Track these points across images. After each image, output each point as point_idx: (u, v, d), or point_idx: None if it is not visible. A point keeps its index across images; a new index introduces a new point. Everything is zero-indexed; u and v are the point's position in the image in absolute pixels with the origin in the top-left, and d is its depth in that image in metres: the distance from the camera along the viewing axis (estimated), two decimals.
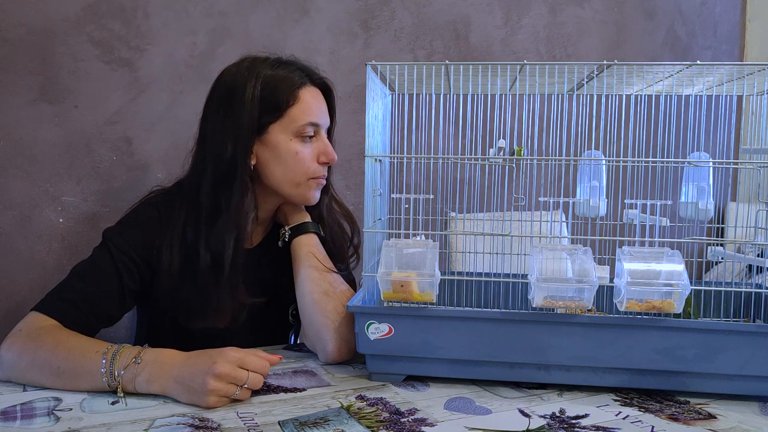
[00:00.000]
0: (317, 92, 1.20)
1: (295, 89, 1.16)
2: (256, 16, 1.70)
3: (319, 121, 1.18)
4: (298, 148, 1.16)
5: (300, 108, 1.16)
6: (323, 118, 1.19)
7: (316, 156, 1.18)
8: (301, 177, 1.17)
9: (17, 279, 1.47)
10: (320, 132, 1.19)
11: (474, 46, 2.04)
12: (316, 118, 1.17)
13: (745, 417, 0.91)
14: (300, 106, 1.16)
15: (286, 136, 1.16)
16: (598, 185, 1.13)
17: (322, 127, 1.19)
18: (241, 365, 0.93)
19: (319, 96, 1.20)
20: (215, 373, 0.90)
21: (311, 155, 1.17)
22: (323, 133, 1.20)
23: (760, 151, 1.09)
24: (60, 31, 1.47)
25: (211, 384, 0.90)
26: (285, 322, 1.30)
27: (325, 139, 1.20)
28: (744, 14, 2.61)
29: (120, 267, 1.13)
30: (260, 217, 1.23)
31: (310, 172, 1.17)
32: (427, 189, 1.12)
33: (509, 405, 0.94)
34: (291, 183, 1.18)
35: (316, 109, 1.18)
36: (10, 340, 1.02)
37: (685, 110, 1.15)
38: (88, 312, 1.09)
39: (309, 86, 1.18)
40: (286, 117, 1.15)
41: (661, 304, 0.94)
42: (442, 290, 1.16)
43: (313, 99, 1.18)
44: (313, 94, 1.18)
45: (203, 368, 0.91)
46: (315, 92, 1.19)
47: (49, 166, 1.48)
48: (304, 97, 1.16)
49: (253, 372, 0.93)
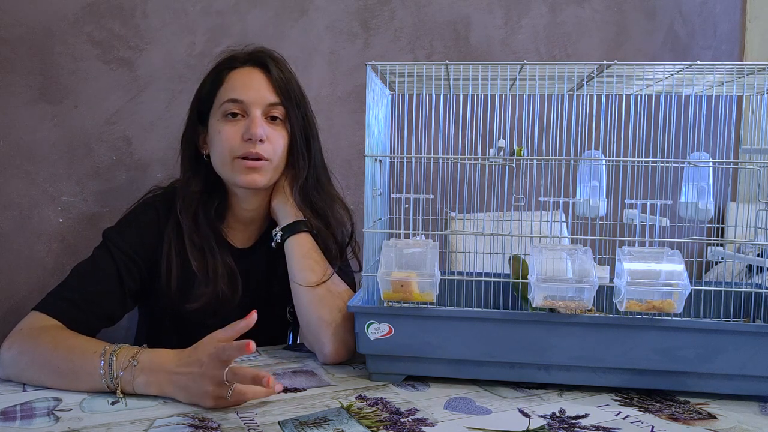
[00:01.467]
0: (251, 71, 1.17)
1: (224, 73, 1.17)
2: (255, 15, 1.69)
3: (243, 97, 1.14)
4: (221, 127, 1.15)
5: (225, 89, 1.16)
6: (250, 94, 1.15)
7: (242, 135, 1.14)
8: (226, 157, 1.15)
9: (17, 279, 1.47)
10: (249, 109, 1.15)
11: (474, 46, 2.04)
12: (237, 94, 1.15)
13: (745, 417, 0.91)
14: (225, 86, 1.16)
15: (216, 119, 1.17)
16: (598, 185, 1.13)
17: (251, 104, 1.15)
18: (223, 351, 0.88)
19: (251, 74, 1.17)
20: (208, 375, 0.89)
21: (235, 133, 1.14)
22: (254, 110, 1.15)
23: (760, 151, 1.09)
24: (59, 30, 1.47)
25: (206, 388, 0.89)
26: (283, 322, 1.30)
27: (253, 114, 1.14)
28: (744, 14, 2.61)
29: (120, 267, 1.13)
30: (244, 214, 1.23)
31: (232, 150, 1.14)
32: (427, 189, 1.12)
33: (509, 405, 0.94)
34: (221, 166, 1.17)
35: (240, 86, 1.15)
36: (11, 339, 1.02)
37: (685, 110, 1.15)
38: (89, 312, 1.09)
39: (241, 68, 1.17)
40: (216, 101, 1.17)
41: (661, 304, 0.94)
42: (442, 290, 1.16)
43: (241, 78, 1.16)
44: (242, 74, 1.17)
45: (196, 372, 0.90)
46: (246, 71, 1.17)
47: (48, 166, 1.48)
48: (232, 78, 1.16)
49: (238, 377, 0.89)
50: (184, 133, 1.23)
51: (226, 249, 1.21)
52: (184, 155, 1.23)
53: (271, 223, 1.24)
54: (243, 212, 1.23)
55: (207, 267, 1.16)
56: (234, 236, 1.24)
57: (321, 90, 1.81)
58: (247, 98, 1.15)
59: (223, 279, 1.17)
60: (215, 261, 1.17)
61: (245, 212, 1.23)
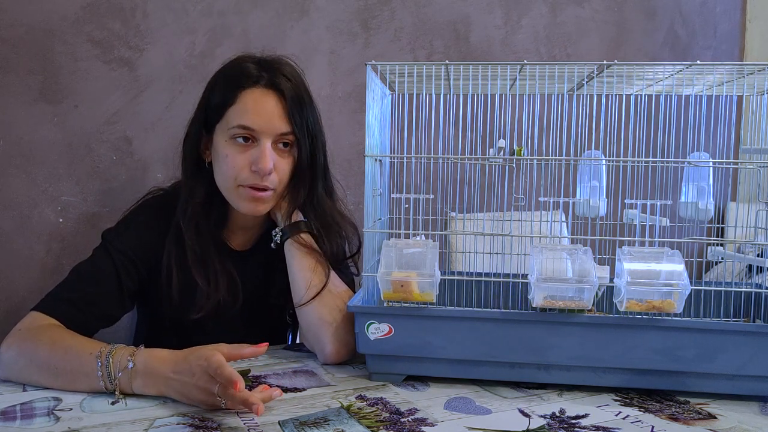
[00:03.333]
0: (267, 95, 1.11)
1: (237, 90, 1.10)
2: (255, 15, 1.69)
3: (256, 126, 1.09)
4: (228, 151, 1.11)
5: (236, 110, 1.10)
6: (262, 123, 1.10)
7: (250, 163, 1.10)
8: (229, 182, 1.12)
9: (16, 279, 1.47)
10: (260, 138, 1.10)
11: (474, 46, 2.04)
12: (250, 122, 1.09)
13: (745, 417, 0.91)
14: (237, 107, 1.10)
15: (223, 138, 1.12)
16: (598, 185, 1.13)
17: (263, 133, 1.10)
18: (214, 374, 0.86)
19: (266, 99, 1.11)
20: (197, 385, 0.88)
21: (243, 161, 1.10)
22: (265, 140, 1.10)
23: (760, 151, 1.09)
24: (59, 30, 1.47)
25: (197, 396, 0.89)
26: (283, 322, 1.30)
27: (264, 146, 1.10)
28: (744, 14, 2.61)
29: (119, 267, 1.13)
30: (243, 221, 1.22)
31: (237, 179, 1.11)
32: (427, 189, 1.12)
33: (509, 405, 0.94)
34: (224, 188, 1.14)
35: (254, 113, 1.09)
36: (10, 339, 1.02)
37: (685, 110, 1.15)
38: (88, 312, 1.09)
39: (257, 88, 1.11)
40: (225, 118, 1.12)
41: (661, 304, 0.94)
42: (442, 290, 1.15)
43: (254, 102, 1.10)
44: (256, 97, 1.10)
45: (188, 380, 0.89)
46: (262, 94, 1.11)
47: (48, 165, 1.48)
48: (244, 99, 1.10)
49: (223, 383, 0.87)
50: (187, 137, 1.19)
51: (226, 254, 1.20)
52: (186, 161, 1.19)
53: (270, 225, 1.24)
54: (243, 219, 1.22)
55: (209, 277, 1.15)
56: (233, 239, 1.24)
57: (321, 90, 1.81)
58: (259, 127, 1.10)
59: (225, 288, 1.16)
60: (216, 270, 1.16)
61: (246, 219, 1.22)
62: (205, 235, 1.17)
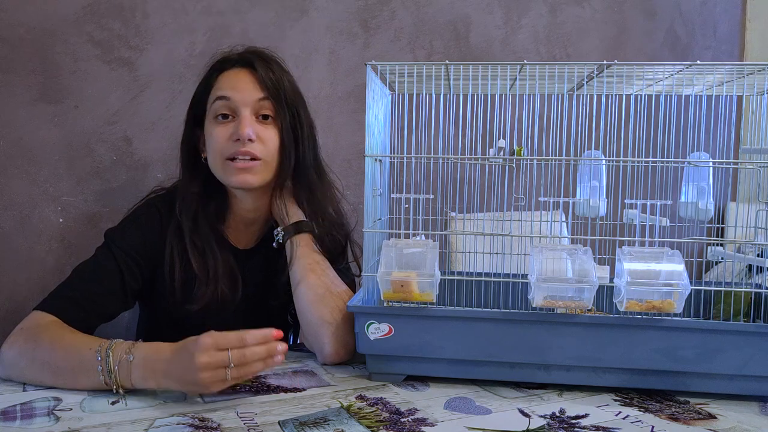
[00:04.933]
0: (239, 71, 1.17)
1: (213, 76, 1.18)
2: (255, 15, 1.69)
3: (229, 94, 1.14)
4: (212, 129, 1.16)
5: (214, 90, 1.17)
6: (237, 92, 1.14)
7: (232, 135, 1.14)
8: (218, 159, 1.15)
9: (17, 279, 1.47)
10: (237, 108, 1.14)
11: (474, 46, 2.04)
12: (224, 92, 1.15)
13: (745, 417, 0.91)
14: (214, 88, 1.17)
15: (209, 123, 1.17)
16: (598, 185, 1.13)
17: (239, 102, 1.14)
18: (217, 348, 0.89)
19: (239, 75, 1.16)
20: (198, 366, 0.88)
21: (225, 134, 1.14)
22: (243, 110, 1.14)
23: (760, 151, 1.09)
24: (60, 30, 1.47)
25: (201, 377, 0.88)
26: (284, 322, 1.30)
27: (242, 115, 1.14)
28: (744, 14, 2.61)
29: (122, 266, 1.13)
30: (244, 215, 1.23)
31: (222, 152, 1.14)
32: (427, 189, 1.12)
33: (509, 405, 0.94)
34: (214, 168, 1.17)
35: (228, 87, 1.15)
36: (11, 338, 1.02)
37: (685, 110, 1.15)
38: (91, 311, 1.09)
39: (230, 69, 1.17)
40: (208, 105, 1.17)
41: (661, 304, 0.94)
42: (442, 290, 1.16)
43: (228, 79, 1.16)
44: (230, 75, 1.17)
45: (187, 364, 0.89)
46: (235, 72, 1.17)
47: (48, 166, 1.48)
48: (221, 80, 1.17)
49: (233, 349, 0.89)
50: (182, 137, 1.24)
51: (228, 250, 1.21)
52: (183, 158, 1.24)
53: (272, 225, 1.24)
54: (243, 212, 1.23)
55: (207, 267, 1.16)
56: (236, 238, 1.25)
57: (321, 90, 1.81)
58: (234, 96, 1.14)
59: (224, 279, 1.17)
60: (216, 261, 1.17)
61: (245, 212, 1.23)
62: (203, 226, 1.18)
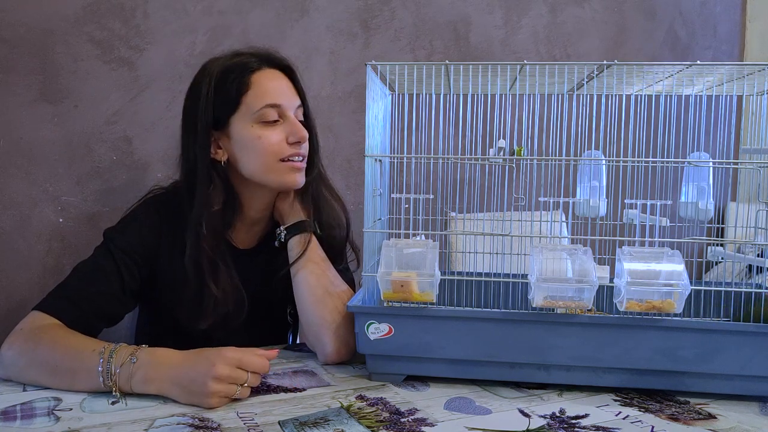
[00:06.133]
0: (275, 74, 1.17)
1: (246, 76, 1.14)
2: (256, 15, 1.69)
3: (280, 101, 1.14)
4: (260, 132, 1.14)
5: (254, 93, 1.14)
6: (285, 99, 1.15)
7: (285, 137, 1.14)
8: (271, 161, 1.14)
9: (17, 279, 1.47)
10: (286, 113, 1.15)
11: (474, 46, 2.04)
12: (273, 99, 1.14)
13: (745, 417, 0.91)
14: (254, 91, 1.14)
15: (247, 124, 1.14)
16: (598, 185, 1.13)
17: (287, 108, 1.15)
18: (239, 365, 0.92)
19: (278, 77, 1.17)
20: (215, 375, 0.90)
21: (278, 137, 1.14)
22: (290, 114, 1.15)
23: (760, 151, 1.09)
24: (60, 30, 1.47)
25: (212, 387, 0.89)
26: (284, 322, 1.30)
27: (292, 118, 1.15)
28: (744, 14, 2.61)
29: (121, 266, 1.13)
30: (251, 216, 1.22)
31: (278, 154, 1.14)
32: (427, 189, 1.12)
33: (509, 405, 0.94)
34: (264, 170, 1.16)
35: (273, 91, 1.15)
36: (11, 339, 1.02)
37: (685, 110, 1.15)
38: (89, 311, 1.09)
39: (264, 70, 1.16)
40: (243, 105, 1.14)
41: (661, 304, 0.94)
42: (442, 290, 1.16)
43: (269, 81, 1.15)
44: (269, 77, 1.16)
45: (202, 371, 0.91)
46: (272, 74, 1.16)
47: (48, 165, 1.48)
48: (259, 81, 1.14)
49: (252, 372, 0.93)
50: (195, 142, 1.15)
51: (231, 254, 1.20)
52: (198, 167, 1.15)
53: (274, 225, 1.24)
54: (250, 213, 1.22)
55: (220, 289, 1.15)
56: (237, 237, 1.24)
57: (321, 90, 1.81)
58: (284, 103, 1.15)
59: (231, 300, 1.16)
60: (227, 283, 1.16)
61: (252, 213, 1.22)
62: (221, 243, 1.17)
